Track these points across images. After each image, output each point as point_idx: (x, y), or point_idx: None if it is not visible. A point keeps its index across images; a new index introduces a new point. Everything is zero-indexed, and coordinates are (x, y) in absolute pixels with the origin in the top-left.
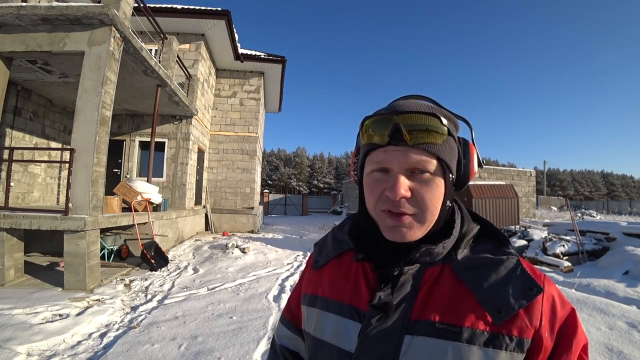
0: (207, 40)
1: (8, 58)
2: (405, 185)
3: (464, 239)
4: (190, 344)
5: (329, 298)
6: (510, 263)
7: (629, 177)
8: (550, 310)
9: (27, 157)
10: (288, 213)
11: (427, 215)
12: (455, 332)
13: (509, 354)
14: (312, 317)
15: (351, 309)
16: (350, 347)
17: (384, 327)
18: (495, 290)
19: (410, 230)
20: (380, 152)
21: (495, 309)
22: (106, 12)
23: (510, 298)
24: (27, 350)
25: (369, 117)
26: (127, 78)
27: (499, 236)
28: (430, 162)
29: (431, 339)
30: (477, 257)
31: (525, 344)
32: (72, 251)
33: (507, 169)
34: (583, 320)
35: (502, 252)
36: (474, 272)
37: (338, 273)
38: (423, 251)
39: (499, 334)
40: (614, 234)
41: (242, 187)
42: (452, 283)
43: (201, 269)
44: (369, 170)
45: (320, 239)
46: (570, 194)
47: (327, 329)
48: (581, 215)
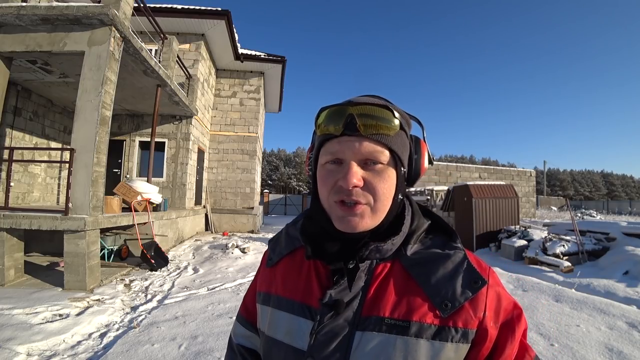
0: (207, 40)
1: (8, 58)
2: (358, 174)
3: (414, 235)
4: (190, 344)
5: (281, 296)
6: (457, 257)
7: (629, 177)
8: (494, 301)
9: (27, 157)
10: (288, 213)
11: (378, 205)
12: (404, 327)
13: (455, 345)
14: (266, 316)
15: (303, 307)
16: (303, 346)
17: (336, 325)
18: (442, 284)
19: (362, 219)
20: (334, 143)
21: (442, 303)
22: (106, 12)
23: (456, 291)
24: (27, 350)
25: (325, 108)
26: (127, 78)
27: (448, 231)
28: (382, 152)
29: (381, 334)
30: (425, 252)
31: (470, 334)
32: (72, 251)
33: (507, 169)
34: (583, 320)
35: (450, 246)
36: (423, 267)
37: (291, 270)
38: (372, 248)
39: (446, 326)
40: (614, 234)
41: (242, 187)
42: (401, 278)
43: (201, 269)
44: (322, 162)
45: (274, 235)
46: (570, 194)
47: (280, 327)
48: (581, 215)
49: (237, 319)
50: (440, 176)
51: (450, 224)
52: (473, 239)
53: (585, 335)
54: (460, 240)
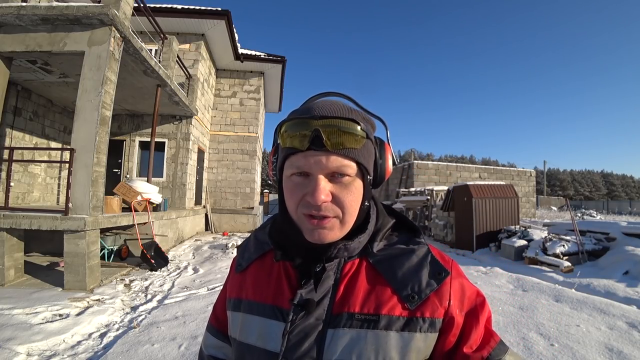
0: (207, 40)
1: (8, 58)
2: (327, 190)
3: (380, 233)
4: (190, 344)
5: (252, 300)
6: (422, 252)
7: (629, 177)
8: (459, 291)
9: (27, 157)
10: None
11: (347, 217)
12: (374, 321)
13: (424, 335)
14: (237, 322)
15: (274, 309)
16: (276, 348)
17: (307, 324)
18: (408, 278)
19: (331, 231)
20: (300, 157)
21: (409, 295)
22: (106, 12)
23: (422, 283)
24: (27, 350)
25: (286, 120)
26: (127, 78)
27: (412, 227)
28: (350, 166)
29: (352, 329)
30: (391, 248)
31: (437, 323)
32: (72, 251)
33: (507, 169)
34: (583, 320)
35: (414, 242)
36: (389, 262)
37: (261, 274)
38: (340, 247)
39: (414, 317)
40: (614, 234)
41: (242, 187)
42: (369, 274)
43: (201, 269)
44: (288, 174)
45: (242, 241)
46: (570, 194)
47: (252, 331)
48: (581, 215)
49: (208, 329)
50: (440, 176)
51: (450, 224)
52: (473, 239)
53: (585, 335)
54: (423, 236)
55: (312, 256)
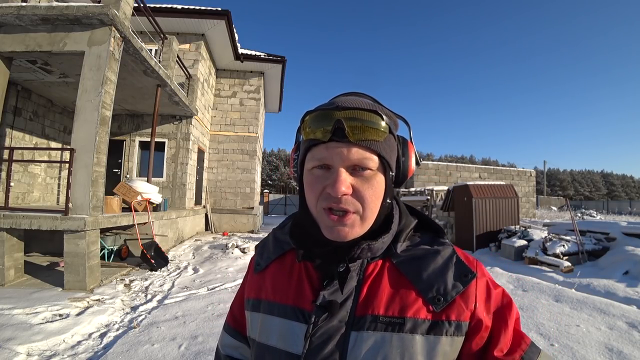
0: (207, 40)
1: (8, 58)
2: (347, 182)
3: (403, 233)
4: (190, 344)
5: (272, 301)
6: (446, 253)
7: (629, 177)
8: (484, 293)
9: (27, 157)
10: (288, 213)
11: (367, 212)
12: (399, 324)
13: (450, 338)
14: (257, 323)
15: (296, 310)
16: (298, 350)
17: (330, 326)
18: (433, 279)
19: (351, 229)
20: (321, 149)
21: (434, 297)
22: (106, 12)
23: (447, 285)
24: (27, 350)
25: (311, 112)
26: (127, 78)
27: (435, 228)
28: (371, 159)
29: (376, 332)
30: (415, 249)
31: (464, 326)
32: (72, 251)
33: (507, 169)
34: (583, 320)
35: (438, 242)
36: (413, 263)
37: (280, 274)
38: (364, 247)
39: (439, 320)
40: (614, 234)
41: (242, 187)
42: (393, 276)
43: (201, 269)
44: (309, 167)
45: (260, 240)
46: (570, 194)
47: (273, 333)
48: (581, 215)
49: (225, 329)
50: (440, 176)
51: (450, 224)
52: (473, 239)
53: (585, 335)
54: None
55: (335, 256)
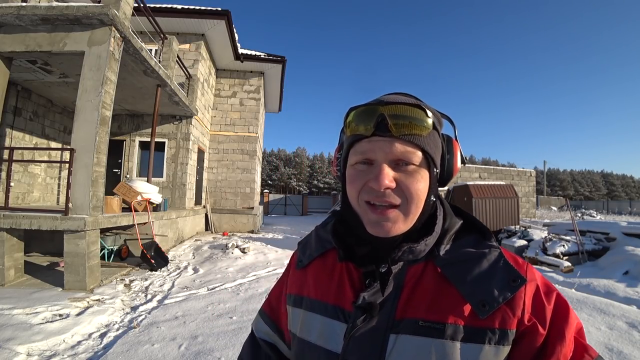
0: (207, 40)
1: (8, 58)
2: (390, 175)
3: (447, 235)
4: (190, 344)
5: (314, 299)
6: (493, 256)
7: (629, 177)
8: (534, 298)
9: (27, 157)
10: (288, 213)
11: (411, 207)
12: (439, 329)
13: (494, 347)
14: (298, 318)
15: (336, 309)
16: (337, 348)
17: (369, 327)
18: (479, 284)
19: (394, 224)
20: (364, 143)
21: (479, 303)
22: (106, 12)
23: (494, 291)
24: (27, 350)
25: (354, 108)
26: (127, 78)
27: (481, 229)
28: (415, 153)
29: (415, 337)
30: (459, 252)
31: (510, 335)
32: (72, 251)
33: (507, 169)
34: (583, 320)
35: (484, 245)
36: (457, 267)
37: (322, 273)
38: (405, 249)
39: (483, 328)
40: (614, 234)
41: (242, 187)
42: (435, 279)
43: (201, 269)
44: (352, 162)
45: (303, 237)
46: (570, 194)
47: (313, 330)
48: (581, 215)
49: (260, 314)
50: None
51: None
52: None
53: (585, 335)
54: (495, 238)
55: (376, 257)
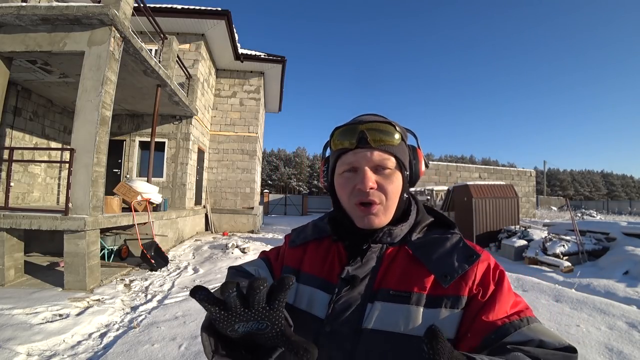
0: (207, 40)
1: (8, 58)
2: (373, 178)
3: (419, 226)
4: (191, 344)
5: (309, 273)
6: (454, 239)
7: (629, 177)
8: (484, 273)
9: (27, 157)
10: (288, 213)
11: (389, 203)
12: (406, 297)
13: (449, 310)
14: (294, 290)
15: (325, 282)
16: (321, 314)
17: (351, 296)
18: (442, 260)
19: (377, 217)
20: (349, 155)
21: (442, 274)
22: (106, 12)
23: (454, 264)
24: (27, 350)
25: (339, 127)
26: (127, 78)
27: (448, 223)
28: (390, 159)
29: (387, 303)
30: (428, 237)
31: (462, 300)
32: (72, 251)
33: (507, 169)
34: (583, 320)
35: (449, 233)
36: (425, 248)
37: (317, 254)
38: (385, 231)
39: (441, 295)
40: (614, 234)
41: (242, 187)
42: (407, 258)
43: (201, 269)
44: (340, 171)
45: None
46: (570, 194)
47: (303, 299)
48: (581, 215)
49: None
50: (440, 176)
51: None
52: (473, 239)
53: (585, 335)
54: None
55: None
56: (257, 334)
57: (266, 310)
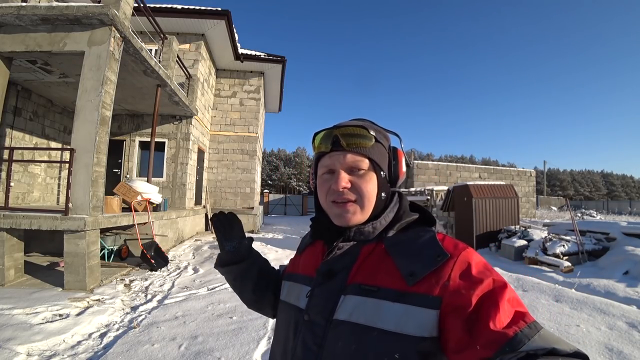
0: (207, 40)
1: (8, 58)
2: (346, 179)
3: (397, 223)
4: (190, 344)
5: (299, 273)
6: (426, 238)
7: (629, 177)
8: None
9: (27, 157)
10: (288, 213)
11: (364, 201)
12: (374, 291)
13: (417, 308)
14: (286, 288)
15: (308, 277)
16: (303, 305)
17: (326, 289)
18: (410, 258)
19: (353, 215)
20: (326, 158)
21: (408, 273)
22: (106, 12)
23: (421, 264)
24: (27, 350)
25: (317, 133)
26: (127, 78)
27: (430, 220)
28: (362, 161)
29: (356, 296)
30: (402, 235)
31: (433, 300)
32: (72, 251)
33: (507, 169)
34: (583, 320)
35: (424, 230)
36: (398, 246)
37: (309, 255)
38: (355, 230)
39: (409, 292)
40: (614, 234)
41: (242, 187)
42: (380, 255)
43: (201, 269)
44: (320, 173)
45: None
46: (570, 194)
47: (293, 295)
48: (581, 215)
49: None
50: (440, 176)
51: (450, 224)
52: (473, 239)
53: (585, 335)
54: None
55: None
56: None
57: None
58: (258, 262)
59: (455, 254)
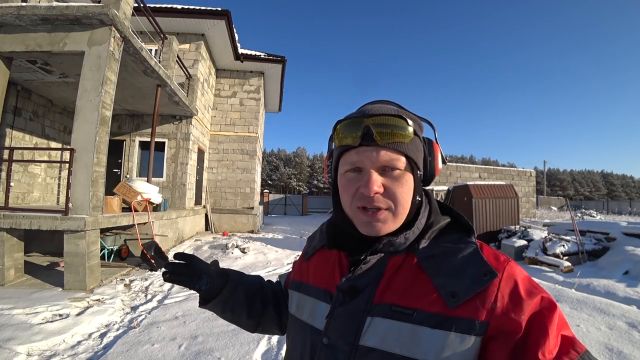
0: (207, 40)
1: (8, 58)
2: (379, 182)
3: (429, 230)
4: (190, 344)
5: (310, 284)
6: (468, 251)
7: (629, 177)
8: (511, 294)
9: (27, 157)
10: (288, 213)
11: (399, 208)
12: (408, 314)
13: (460, 335)
14: (295, 300)
15: (325, 292)
16: (321, 326)
17: (349, 309)
18: (451, 277)
19: (385, 224)
20: (352, 153)
21: (449, 294)
22: (106, 12)
23: (464, 284)
24: (27, 350)
25: (341, 120)
26: (127, 78)
27: (466, 227)
28: (399, 159)
29: (387, 319)
30: (438, 246)
31: (478, 325)
32: (72, 251)
33: (507, 169)
34: (583, 320)
35: (463, 241)
36: (434, 259)
37: (321, 262)
38: (385, 242)
39: (450, 316)
40: (614, 234)
41: (242, 187)
42: (413, 270)
43: None
44: (342, 171)
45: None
46: (570, 194)
47: (305, 310)
48: (581, 215)
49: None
50: (440, 176)
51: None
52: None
53: (585, 335)
54: (475, 235)
55: (362, 248)
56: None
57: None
58: (242, 282)
59: (499, 269)
